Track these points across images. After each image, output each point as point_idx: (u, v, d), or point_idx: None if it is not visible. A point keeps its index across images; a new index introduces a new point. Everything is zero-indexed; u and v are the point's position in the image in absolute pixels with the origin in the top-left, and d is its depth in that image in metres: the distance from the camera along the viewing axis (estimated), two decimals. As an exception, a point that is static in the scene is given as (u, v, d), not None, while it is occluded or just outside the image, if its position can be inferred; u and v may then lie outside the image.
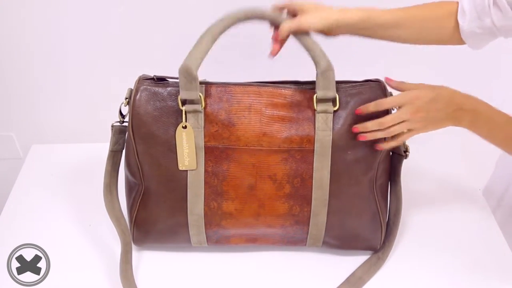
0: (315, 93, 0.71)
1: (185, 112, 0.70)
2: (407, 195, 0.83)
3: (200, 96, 0.70)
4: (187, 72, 0.68)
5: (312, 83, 0.72)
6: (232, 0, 1.03)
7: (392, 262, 0.80)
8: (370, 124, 0.68)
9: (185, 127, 0.70)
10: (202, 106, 0.70)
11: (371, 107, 0.68)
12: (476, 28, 0.71)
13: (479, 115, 0.68)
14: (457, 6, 0.72)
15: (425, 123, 0.67)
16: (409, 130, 0.68)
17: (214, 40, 0.69)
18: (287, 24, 0.68)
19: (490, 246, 0.83)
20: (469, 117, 0.68)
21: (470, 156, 1.05)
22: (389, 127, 0.67)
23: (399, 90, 0.70)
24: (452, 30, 0.72)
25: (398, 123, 0.67)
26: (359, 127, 0.69)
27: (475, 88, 1.23)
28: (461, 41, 0.73)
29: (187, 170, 0.72)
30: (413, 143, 0.77)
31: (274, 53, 0.71)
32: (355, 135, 0.71)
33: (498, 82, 1.23)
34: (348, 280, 0.77)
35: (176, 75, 0.74)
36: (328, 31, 0.70)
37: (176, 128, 0.70)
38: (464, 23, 0.70)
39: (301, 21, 0.68)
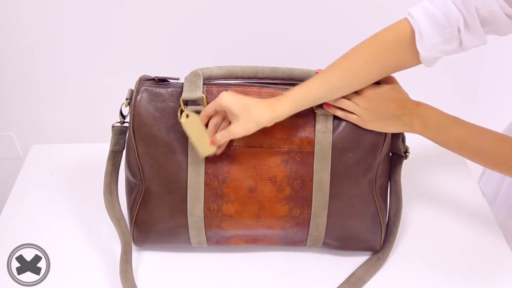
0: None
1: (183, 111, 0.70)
2: (407, 196, 0.83)
3: (202, 96, 0.70)
4: (194, 73, 0.70)
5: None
6: (230, 1, 1.04)
7: (392, 262, 0.80)
8: None
9: (188, 116, 0.69)
10: (204, 107, 0.70)
11: None
12: (439, 54, 0.65)
13: (429, 119, 0.70)
14: (409, 30, 0.64)
15: (374, 115, 0.70)
16: (358, 116, 0.70)
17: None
18: (219, 137, 0.68)
19: (490, 245, 0.83)
20: (420, 121, 0.70)
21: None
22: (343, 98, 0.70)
23: None
24: (407, 58, 0.66)
25: (351, 102, 0.70)
26: None
27: (477, 87, 1.24)
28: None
29: (187, 171, 0.72)
30: (413, 143, 0.77)
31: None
32: (355, 137, 0.72)
33: (501, 81, 1.23)
34: (348, 280, 0.77)
35: (177, 76, 0.74)
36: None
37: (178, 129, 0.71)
38: (424, 51, 0.64)
39: (232, 132, 0.67)
